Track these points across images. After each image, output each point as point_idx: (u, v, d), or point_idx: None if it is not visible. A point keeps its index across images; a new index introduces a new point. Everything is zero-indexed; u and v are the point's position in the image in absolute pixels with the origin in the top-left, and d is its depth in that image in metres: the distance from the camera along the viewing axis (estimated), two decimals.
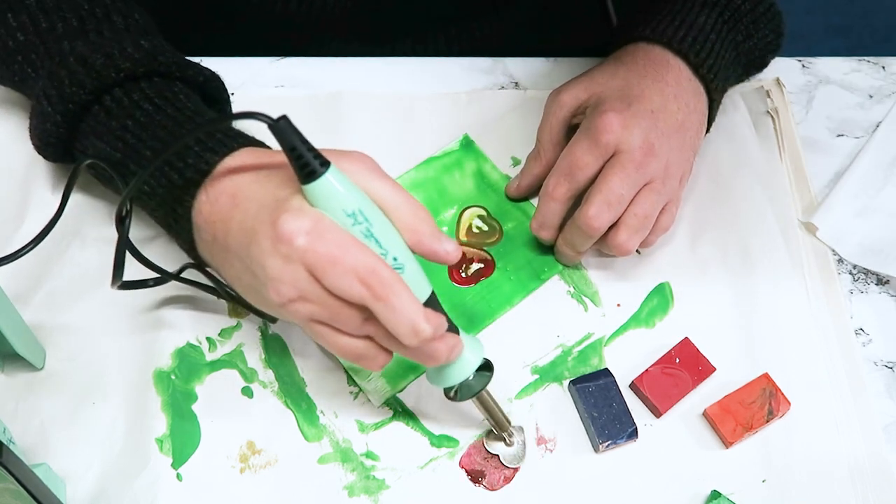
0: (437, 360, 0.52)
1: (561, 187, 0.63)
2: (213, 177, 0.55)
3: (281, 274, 0.49)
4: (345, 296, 0.49)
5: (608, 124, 0.62)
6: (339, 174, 0.49)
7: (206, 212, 0.55)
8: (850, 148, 0.75)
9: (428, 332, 0.49)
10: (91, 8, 0.62)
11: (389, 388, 0.61)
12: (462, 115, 0.74)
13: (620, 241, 0.62)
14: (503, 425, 0.58)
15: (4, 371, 0.60)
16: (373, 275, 0.48)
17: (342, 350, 0.52)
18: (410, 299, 0.49)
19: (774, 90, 0.77)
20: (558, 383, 0.62)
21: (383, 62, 0.77)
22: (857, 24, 1.84)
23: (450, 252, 0.52)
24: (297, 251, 0.48)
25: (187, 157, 0.56)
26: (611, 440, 0.59)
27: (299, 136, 0.48)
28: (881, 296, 0.68)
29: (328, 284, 0.48)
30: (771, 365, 0.63)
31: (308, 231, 0.48)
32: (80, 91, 0.58)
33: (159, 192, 0.57)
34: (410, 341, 0.49)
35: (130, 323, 0.62)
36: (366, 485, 0.58)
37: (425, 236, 0.51)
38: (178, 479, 0.57)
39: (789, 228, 0.70)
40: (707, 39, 0.67)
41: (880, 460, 0.60)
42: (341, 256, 0.48)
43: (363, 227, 0.49)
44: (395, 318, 0.49)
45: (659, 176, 0.63)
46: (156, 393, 0.60)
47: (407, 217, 0.51)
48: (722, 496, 0.57)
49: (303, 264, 0.48)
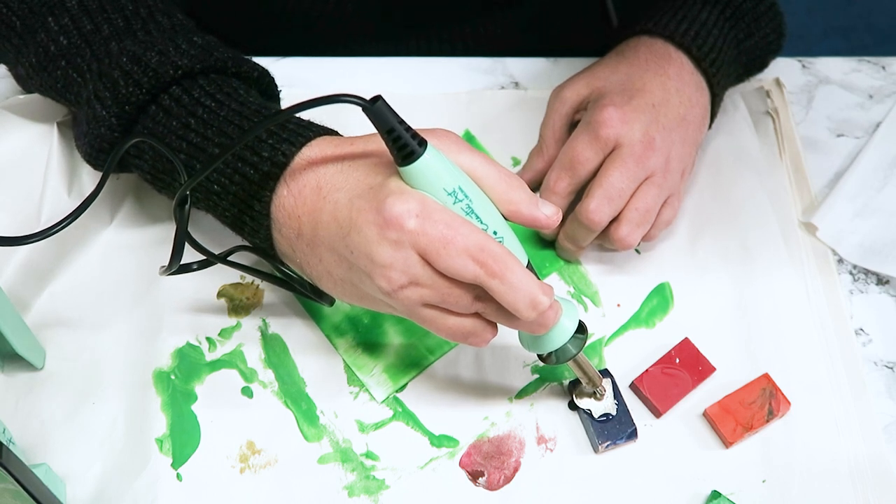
0: (548, 328, 0.51)
1: (562, 181, 0.64)
2: (292, 169, 0.53)
3: (392, 260, 0.48)
4: (459, 276, 0.48)
5: (608, 118, 0.62)
6: (437, 152, 0.48)
7: (289, 206, 0.53)
8: (850, 148, 0.75)
9: (546, 303, 0.49)
10: (135, 8, 0.59)
11: (392, 382, 0.61)
12: (462, 115, 0.74)
13: (622, 235, 0.62)
14: (595, 381, 0.58)
15: (4, 371, 0.60)
16: (484, 252, 0.47)
17: (450, 330, 0.51)
18: (525, 273, 0.48)
19: (774, 90, 0.77)
20: (558, 383, 0.62)
21: (384, 62, 0.77)
22: (857, 24, 1.84)
23: (550, 216, 0.51)
24: (408, 235, 0.47)
25: (261, 151, 0.53)
26: (610, 440, 0.59)
27: (396, 117, 0.47)
28: (881, 296, 0.68)
29: (441, 266, 0.48)
30: (771, 365, 0.63)
31: (418, 213, 0.47)
32: (137, 91, 0.56)
33: (232, 189, 0.55)
34: (529, 315, 0.49)
35: (130, 323, 0.62)
36: (366, 485, 0.58)
37: (522, 205, 0.50)
38: (178, 479, 0.57)
39: (789, 228, 0.70)
40: (709, 34, 0.67)
41: (880, 460, 0.60)
42: (452, 237, 0.47)
43: (464, 204, 0.48)
44: (513, 294, 0.48)
45: (660, 170, 0.63)
46: (156, 393, 0.60)
47: (501, 188, 0.50)
48: (722, 496, 0.57)
49: (414, 248, 0.47)
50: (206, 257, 0.58)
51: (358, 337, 0.63)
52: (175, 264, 0.56)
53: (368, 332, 0.63)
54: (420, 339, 0.63)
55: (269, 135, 0.54)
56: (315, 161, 0.53)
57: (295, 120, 0.55)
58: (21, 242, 0.52)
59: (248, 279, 0.65)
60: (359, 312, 0.64)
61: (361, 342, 0.63)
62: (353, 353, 0.62)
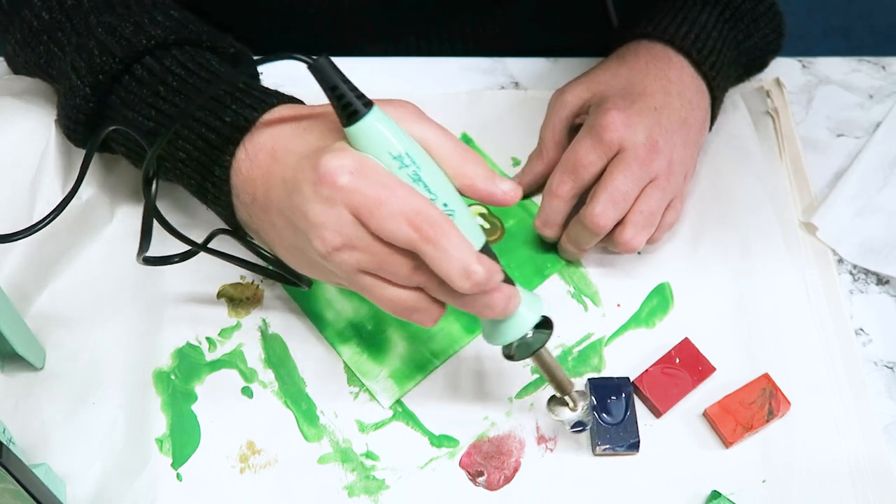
0: (494, 310, 0.50)
1: (565, 185, 0.63)
2: (252, 134, 0.53)
3: (325, 219, 0.47)
4: (392, 239, 0.47)
5: (612, 122, 0.62)
6: (384, 115, 0.47)
7: (244, 170, 0.53)
8: (850, 148, 0.75)
9: (480, 273, 0.46)
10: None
11: (398, 388, 0.61)
12: (462, 115, 0.74)
13: (627, 239, 0.62)
14: (564, 386, 0.55)
15: (4, 371, 0.60)
16: (420, 216, 0.46)
17: (392, 303, 0.50)
18: (461, 240, 0.47)
19: (774, 90, 0.77)
20: None
21: (383, 62, 0.77)
22: (857, 24, 1.84)
23: (507, 192, 0.49)
24: (340, 192, 0.46)
25: (224, 116, 0.54)
26: (609, 446, 0.58)
27: (341, 76, 0.46)
28: (881, 296, 0.68)
29: (374, 227, 0.47)
30: (771, 365, 0.63)
31: (352, 170, 0.46)
32: (111, 60, 0.57)
33: (195, 155, 0.55)
34: (462, 284, 0.47)
35: (130, 323, 0.62)
36: (366, 485, 0.58)
37: (478, 179, 0.49)
38: (178, 479, 0.57)
39: (789, 228, 0.70)
40: (709, 37, 0.67)
41: (880, 460, 0.60)
42: (387, 197, 0.46)
43: (410, 171, 0.47)
44: (445, 261, 0.46)
45: (663, 173, 0.63)
46: (156, 393, 0.60)
47: (456, 161, 0.49)
48: (722, 496, 0.57)
49: (347, 207, 0.46)
50: (189, 246, 0.58)
51: (362, 343, 0.63)
52: (145, 245, 0.55)
53: (372, 338, 0.63)
54: (424, 343, 0.63)
55: (233, 101, 0.54)
56: (273, 125, 0.53)
57: (261, 88, 0.56)
58: (6, 240, 0.52)
59: (249, 279, 0.65)
60: (362, 318, 0.63)
61: (366, 348, 0.62)
62: (357, 359, 0.62)
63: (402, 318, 0.51)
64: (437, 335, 0.63)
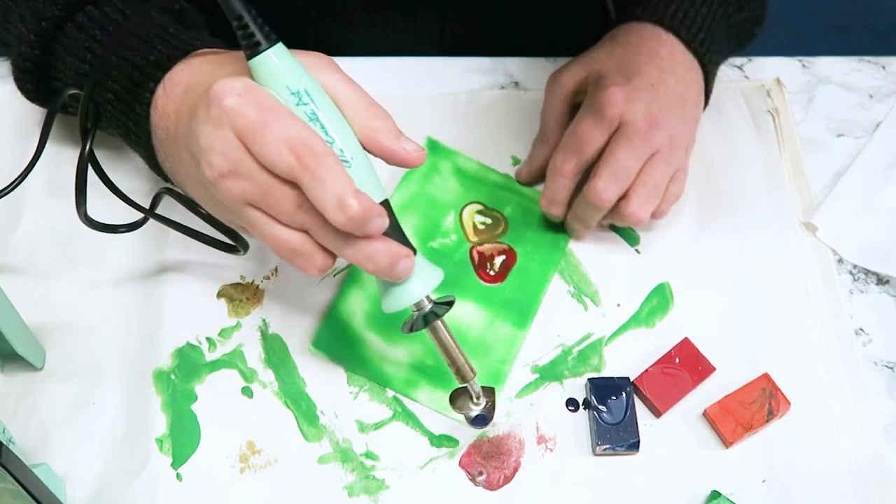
0: (377, 263, 0.49)
1: (569, 163, 0.64)
2: (171, 71, 0.54)
3: (212, 142, 0.47)
4: (273, 166, 0.46)
5: (612, 98, 0.63)
6: (287, 53, 0.47)
7: (161, 105, 0.54)
8: (850, 148, 0.75)
9: (355, 207, 0.46)
10: None
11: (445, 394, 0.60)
12: (462, 115, 0.74)
13: (633, 210, 0.63)
14: (464, 372, 0.54)
15: (4, 371, 0.60)
16: (304, 145, 0.46)
17: (276, 243, 0.50)
18: (341, 174, 0.46)
19: (774, 90, 0.77)
20: (558, 383, 0.62)
21: (383, 62, 0.77)
22: (857, 24, 1.84)
23: (410, 152, 0.49)
24: (226, 112, 0.46)
25: (149, 55, 0.55)
26: (610, 445, 0.59)
27: (247, 8, 0.46)
28: (881, 296, 0.68)
29: (257, 152, 0.47)
30: (771, 365, 0.63)
31: (240, 92, 0.46)
32: (53, 7, 0.59)
33: (121, 94, 0.56)
34: (336, 217, 0.46)
35: (130, 323, 0.62)
36: (366, 485, 0.58)
37: (381, 133, 0.49)
38: (177, 479, 0.57)
39: (789, 228, 0.70)
40: (698, 14, 0.68)
41: (880, 460, 0.60)
42: (272, 122, 0.46)
43: (308, 109, 0.47)
44: (321, 190, 0.46)
45: (665, 146, 0.63)
46: (156, 393, 0.60)
47: (361, 113, 0.49)
48: (722, 496, 0.57)
49: (232, 129, 0.47)
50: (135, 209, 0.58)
51: (432, 381, 0.61)
52: (82, 199, 0.55)
53: (438, 372, 0.61)
54: (487, 355, 0.62)
55: (160, 42, 0.56)
56: (192, 65, 0.54)
57: (190, 34, 0.57)
58: None
59: (249, 279, 0.65)
60: (419, 357, 0.62)
61: (438, 384, 0.61)
62: (437, 397, 0.61)
63: (287, 261, 0.51)
64: (494, 343, 0.63)
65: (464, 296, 0.65)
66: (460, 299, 0.64)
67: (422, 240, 0.67)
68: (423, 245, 0.67)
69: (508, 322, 0.64)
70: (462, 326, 0.63)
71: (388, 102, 0.73)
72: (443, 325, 0.53)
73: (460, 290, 0.65)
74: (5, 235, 0.65)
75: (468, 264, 0.66)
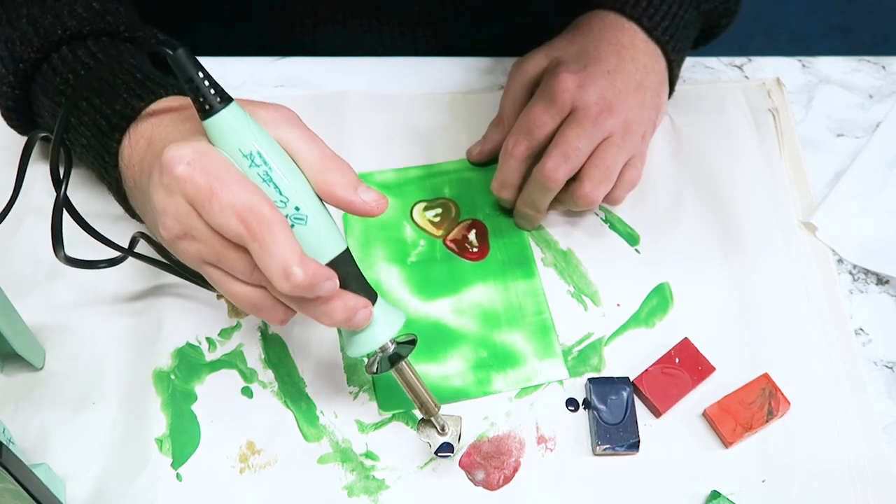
0: (332, 318, 0.49)
1: (520, 146, 0.65)
2: (137, 122, 0.55)
3: (166, 206, 0.48)
4: (224, 232, 0.47)
5: (564, 83, 0.63)
6: (241, 112, 0.47)
7: (126, 156, 0.55)
8: (850, 148, 0.75)
9: (299, 276, 0.46)
10: None
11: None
12: (462, 115, 0.74)
13: (585, 192, 0.63)
14: (428, 408, 0.55)
15: (4, 371, 0.60)
16: (250, 212, 0.46)
17: (237, 298, 0.50)
18: (287, 242, 0.46)
19: (775, 90, 0.77)
20: (558, 383, 0.62)
21: (384, 62, 0.77)
22: (857, 24, 1.84)
23: (368, 202, 0.49)
24: (176, 181, 0.47)
25: (115, 104, 0.56)
26: (610, 445, 0.59)
27: (199, 69, 0.46)
28: (881, 296, 0.68)
29: (207, 219, 0.47)
30: (771, 365, 0.63)
31: (189, 161, 0.47)
32: (29, 50, 0.60)
33: (92, 142, 0.57)
34: (282, 285, 0.46)
35: (130, 323, 0.63)
36: (365, 485, 0.58)
37: (337, 186, 0.49)
38: (177, 479, 0.57)
39: (789, 228, 0.70)
40: (663, 2, 0.68)
41: (880, 460, 0.60)
42: (220, 190, 0.46)
43: (261, 171, 0.47)
44: (267, 259, 0.46)
45: (618, 131, 0.64)
46: (156, 393, 0.60)
47: (317, 167, 0.49)
48: (722, 496, 0.57)
49: (183, 196, 0.47)
50: (113, 249, 0.58)
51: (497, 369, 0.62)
52: (58, 241, 0.55)
53: (496, 360, 0.63)
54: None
55: (125, 90, 0.56)
56: (156, 115, 0.55)
57: (157, 80, 0.58)
58: None
59: None
60: (472, 357, 0.63)
61: (503, 369, 0.62)
62: (508, 380, 0.62)
63: (250, 313, 0.52)
64: (522, 302, 0.65)
65: (469, 282, 0.66)
66: (469, 287, 0.66)
67: (399, 261, 0.67)
68: (404, 263, 0.67)
69: (519, 278, 0.66)
70: (486, 307, 0.65)
71: (389, 102, 0.74)
72: (406, 365, 0.54)
73: (462, 280, 0.66)
74: (6, 236, 0.65)
75: (452, 255, 0.67)
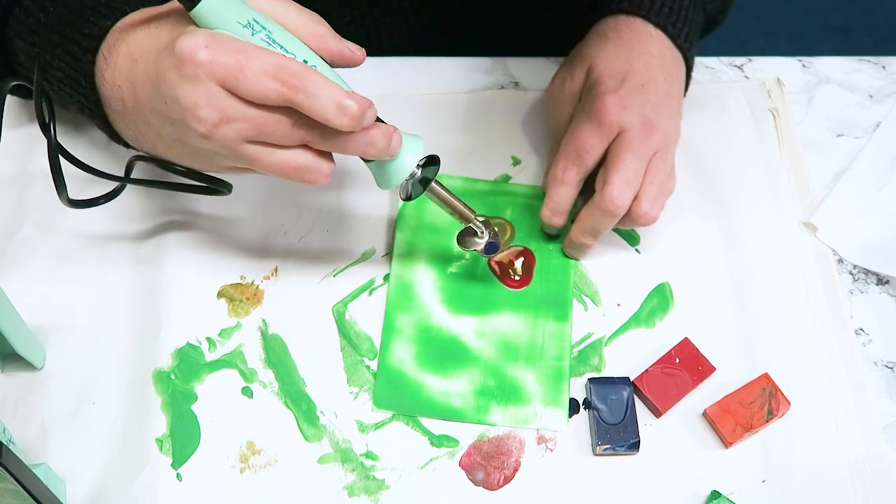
0: (377, 146, 0.52)
1: (570, 171, 0.64)
2: (108, 42, 0.55)
3: (196, 98, 0.48)
4: (263, 98, 0.48)
5: (608, 106, 0.63)
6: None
7: (109, 78, 0.55)
8: (850, 148, 0.75)
9: (354, 106, 0.48)
10: None
11: (559, 408, 0.61)
12: (462, 115, 0.74)
13: (645, 210, 0.63)
14: (466, 215, 0.59)
15: (4, 371, 0.60)
16: (282, 69, 0.48)
17: (282, 167, 0.51)
18: (328, 82, 0.49)
19: (775, 90, 0.77)
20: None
21: (384, 61, 0.76)
22: (857, 24, 1.84)
23: (355, 52, 0.52)
24: (201, 67, 0.48)
25: (83, 28, 0.56)
26: (610, 445, 0.59)
27: None
28: (881, 296, 0.68)
29: (244, 92, 0.48)
30: (771, 365, 0.63)
31: (207, 44, 0.48)
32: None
33: (67, 71, 0.57)
34: (340, 121, 0.49)
35: (130, 323, 0.63)
36: (366, 485, 0.58)
37: (327, 38, 0.51)
38: (177, 479, 0.57)
39: (789, 228, 0.70)
40: (682, 8, 0.68)
41: (880, 460, 0.60)
42: (246, 60, 0.48)
43: (263, 35, 0.49)
44: (317, 103, 0.48)
45: (661, 146, 0.64)
46: (156, 393, 0.60)
47: (303, 24, 0.51)
48: (722, 496, 0.57)
49: (213, 79, 0.48)
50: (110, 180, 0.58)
51: (500, 399, 0.61)
52: (61, 186, 0.56)
53: (502, 389, 0.61)
54: (542, 357, 0.63)
55: (92, 13, 0.56)
56: (126, 30, 0.55)
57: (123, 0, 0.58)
58: None
59: (249, 279, 0.65)
60: (480, 380, 0.62)
61: (505, 400, 0.61)
62: (511, 414, 0.61)
63: (296, 180, 0.53)
64: (545, 343, 0.63)
65: (500, 308, 0.65)
66: (497, 313, 0.64)
67: (439, 268, 0.66)
68: (443, 272, 0.66)
69: (550, 318, 0.64)
70: (508, 337, 0.63)
71: (387, 102, 0.73)
72: (436, 184, 0.57)
73: (494, 304, 0.65)
74: (7, 236, 0.65)
75: (492, 277, 0.66)
